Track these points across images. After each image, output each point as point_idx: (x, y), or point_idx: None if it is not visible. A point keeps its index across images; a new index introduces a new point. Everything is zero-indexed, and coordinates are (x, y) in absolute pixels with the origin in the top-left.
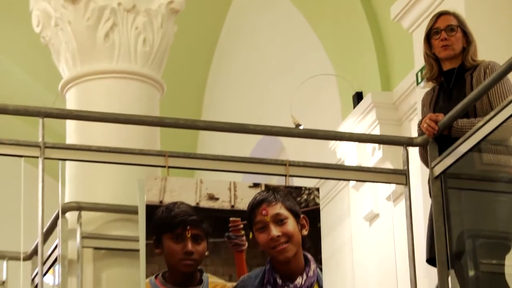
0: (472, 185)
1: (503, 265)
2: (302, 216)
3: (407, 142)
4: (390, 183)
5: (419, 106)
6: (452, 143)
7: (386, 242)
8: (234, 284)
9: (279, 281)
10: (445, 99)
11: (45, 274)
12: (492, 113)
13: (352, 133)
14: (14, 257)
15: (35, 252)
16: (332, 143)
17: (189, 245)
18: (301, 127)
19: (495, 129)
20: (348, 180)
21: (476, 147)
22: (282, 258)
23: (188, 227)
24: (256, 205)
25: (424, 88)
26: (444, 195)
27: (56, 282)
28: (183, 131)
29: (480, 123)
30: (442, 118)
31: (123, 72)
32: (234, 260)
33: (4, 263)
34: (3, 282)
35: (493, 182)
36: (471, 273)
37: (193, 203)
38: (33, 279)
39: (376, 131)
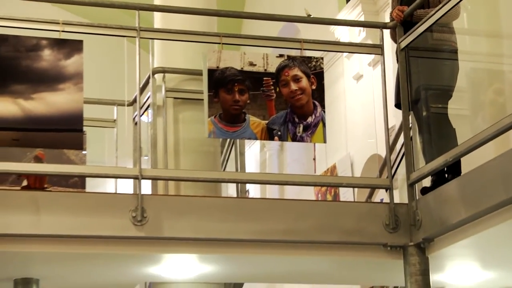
0: (426, 54)
1: (446, 107)
2: (311, 76)
3: (383, 26)
4: (370, 53)
5: (390, 1)
6: (413, 26)
7: (367, 94)
8: (267, 121)
9: (296, 119)
10: None
11: (141, 115)
12: (440, 6)
13: (346, 19)
14: (121, 104)
15: (135, 100)
16: (332, 27)
17: (237, 96)
18: (311, 16)
19: (442, 16)
20: (342, 52)
21: (429, 28)
22: (298, 104)
23: (236, 84)
24: (281, 69)
25: None
26: (407, 61)
27: (149, 120)
28: (232, 19)
29: (432, 12)
30: (407, 9)
31: None
32: (266, 106)
33: (115, 108)
34: (114, 120)
35: (440, 52)
36: (424, 113)
37: (239, 68)
38: (133, 118)
39: (362, 19)
